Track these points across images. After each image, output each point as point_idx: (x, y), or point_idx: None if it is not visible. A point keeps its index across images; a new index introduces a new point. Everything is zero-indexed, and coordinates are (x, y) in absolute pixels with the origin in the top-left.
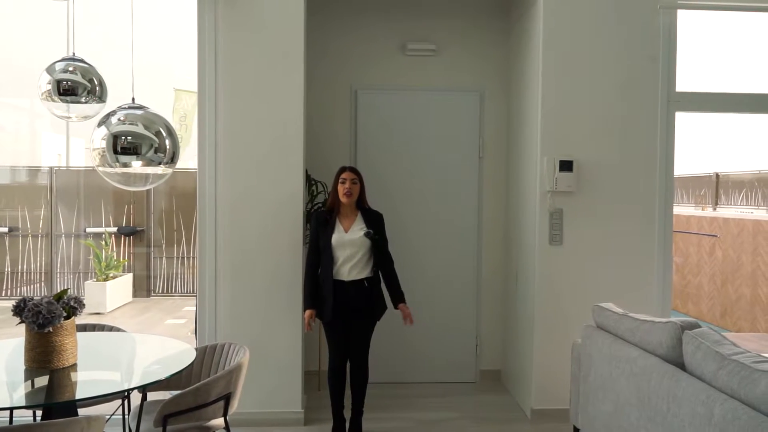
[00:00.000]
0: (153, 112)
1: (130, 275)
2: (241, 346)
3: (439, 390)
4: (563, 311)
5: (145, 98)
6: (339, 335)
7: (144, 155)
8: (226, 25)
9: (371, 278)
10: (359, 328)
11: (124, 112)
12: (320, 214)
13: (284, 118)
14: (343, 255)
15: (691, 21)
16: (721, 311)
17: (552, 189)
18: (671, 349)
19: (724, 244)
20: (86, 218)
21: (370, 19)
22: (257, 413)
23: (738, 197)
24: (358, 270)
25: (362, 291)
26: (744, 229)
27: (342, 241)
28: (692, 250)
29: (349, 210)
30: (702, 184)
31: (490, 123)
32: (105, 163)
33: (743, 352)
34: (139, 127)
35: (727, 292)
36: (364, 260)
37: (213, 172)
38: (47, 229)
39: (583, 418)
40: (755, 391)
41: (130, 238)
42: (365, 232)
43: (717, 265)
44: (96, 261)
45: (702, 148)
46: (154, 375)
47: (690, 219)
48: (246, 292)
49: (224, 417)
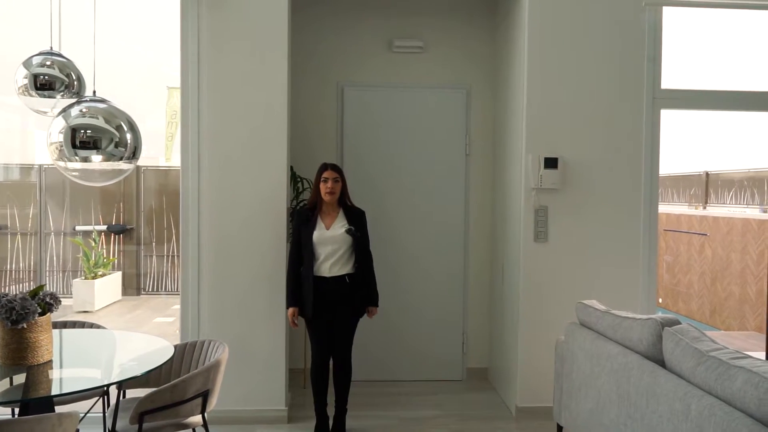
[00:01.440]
0: (116, 106)
1: (119, 273)
2: (220, 343)
3: (425, 388)
4: (548, 308)
5: (141, 97)
6: (321, 332)
7: (104, 150)
8: (209, 21)
9: (352, 274)
10: (341, 324)
11: (85, 105)
12: (302, 211)
13: (268, 115)
14: (324, 252)
15: (677, 18)
16: (711, 309)
17: (537, 186)
18: (651, 345)
19: (714, 242)
20: (76, 216)
21: (357, 15)
22: (240, 411)
23: (727, 196)
24: (339, 266)
25: (343, 287)
26: (733, 227)
27: (323, 237)
28: (682, 249)
29: (331, 207)
30: (692, 182)
31: (476, 120)
32: (63, 157)
33: (721, 348)
34: (100, 121)
35: (716, 291)
36: (345, 257)
37: (196, 169)
38: (36, 228)
39: (566, 416)
40: (732, 387)
41: (119, 236)
42: (346, 228)
43: (707, 263)
44: (84, 259)
45: (692, 147)
46: (130, 372)
47: (680, 217)
48: (229, 289)
49: (202, 414)
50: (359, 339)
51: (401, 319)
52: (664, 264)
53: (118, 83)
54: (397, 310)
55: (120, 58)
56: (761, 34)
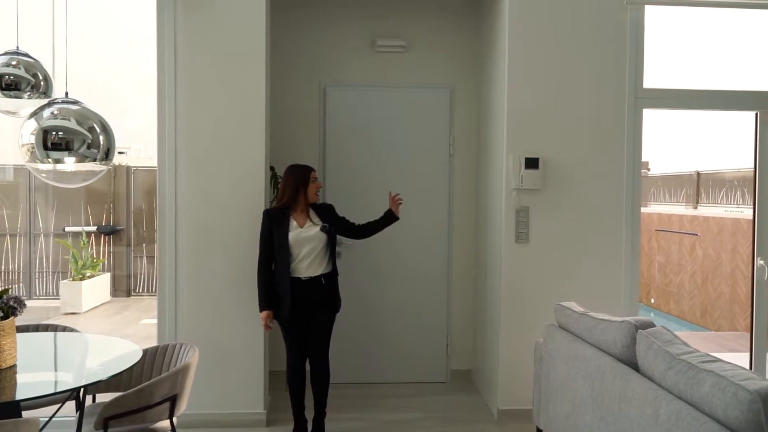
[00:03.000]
0: (89, 107)
1: (107, 275)
2: (191, 347)
3: (408, 390)
4: (530, 310)
5: (134, 96)
6: (296, 334)
7: (76, 151)
8: (186, 22)
9: (328, 274)
10: (318, 325)
11: (57, 107)
12: (273, 211)
13: (245, 116)
14: (300, 252)
15: (659, 17)
16: (702, 310)
17: (518, 186)
18: (626, 348)
19: (705, 242)
20: (65, 217)
21: (340, 15)
22: (218, 414)
23: (719, 195)
24: (315, 266)
25: (319, 287)
26: (723, 227)
27: (299, 237)
28: (674, 249)
29: (302, 207)
30: (684, 182)
31: (460, 120)
32: (35, 159)
33: (693, 351)
34: (72, 122)
35: (707, 291)
36: (320, 256)
37: (173, 169)
38: (26, 229)
39: (544, 419)
40: (700, 391)
41: (109, 237)
42: (321, 226)
43: (697, 263)
44: (72, 261)
45: (684, 147)
46: (96, 376)
47: (671, 217)
48: (207, 290)
49: (170, 419)
50: (342, 341)
51: (385, 321)
52: (656, 264)
53: (106, 82)
54: (381, 312)
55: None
56: (743, 33)
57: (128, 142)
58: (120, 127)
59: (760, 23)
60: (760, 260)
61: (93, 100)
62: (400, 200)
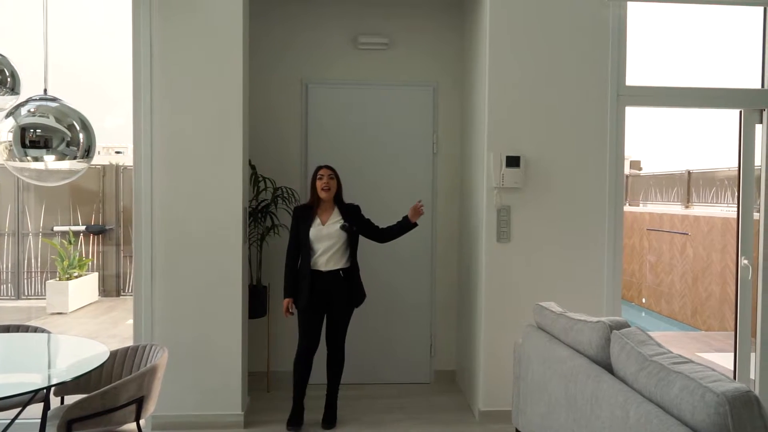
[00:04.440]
0: (68, 104)
1: (95, 274)
2: (161, 348)
3: (391, 391)
4: (511, 310)
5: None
6: (311, 323)
7: (55, 149)
8: (162, 19)
9: (347, 269)
10: (337, 314)
11: (35, 104)
12: (300, 209)
13: (222, 116)
14: (320, 247)
15: (642, 15)
16: (692, 310)
17: (499, 185)
18: (600, 349)
19: (695, 242)
20: (54, 216)
21: (322, 12)
22: (195, 416)
23: (709, 195)
24: (335, 261)
25: (338, 281)
26: (713, 227)
27: (319, 234)
28: (665, 248)
29: (327, 205)
30: (675, 181)
31: (444, 118)
32: (13, 157)
33: (665, 353)
34: (50, 120)
35: (697, 291)
36: (340, 252)
37: (149, 169)
38: (14, 228)
39: (522, 420)
40: (670, 394)
41: (98, 236)
42: (341, 225)
43: (688, 263)
44: (59, 260)
45: (676, 146)
46: (58, 377)
47: (663, 217)
48: (184, 291)
49: (137, 421)
50: (321, 343)
51: (368, 322)
52: (647, 264)
53: (104, 83)
54: (364, 313)
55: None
56: (727, 30)
57: (125, 142)
58: (120, 127)
59: (744, 20)
60: (744, 260)
61: (93, 100)
62: (422, 209)
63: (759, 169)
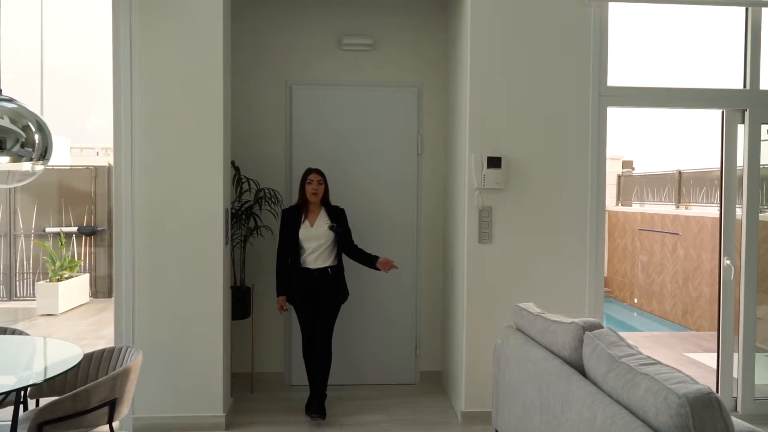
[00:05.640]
0: (24, 106)
1: (86, 276)
2: (136, 349)
3: (375, 392)
4: (493, 311)
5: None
6: (305, 316)
7: (9, 150)
8: (142, 19)
9: (334, 266)
10: (324, 310)
11: None
12: (288, 210)
13: (202, 117)
14: (309, 246)
15: (624, 15)
16: (683, 310)
17: (480, 186)
18: (574, 350)
19: (686, 242)
20: (46, 218)
21: (306, 14)
22: (176, 417)
23: (699, 194)
24: (323, 259)
25: (327, 277)
26: (703, 227)
27: (308, 234)
28: (656, 248)
29: (315, 207)
30: (666, 181)
31: (428, 119)
32: None
33: (635, 354)
34: (5, 121)
35: (688, 291)
36: (327, 251)
37: (129, 169)
38: (5, 230)
39: (501, 422)
40: (635, 395)
41: (90, 237)
42: (329, 225)
43: (679, 263)
44: (49, 261)
45: (669, 146)
46: (28, 380)
47: (654, 217)
48: (165, 292)
49: (109, 424)
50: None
51: (353, 323)
52: (639, 264)
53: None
54: (349, 313)
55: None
56: (709, 31)
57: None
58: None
59: (726, 21)
60: (726, 260)
61: (92, 100)
62: (394, 267)
63: (741, 169)
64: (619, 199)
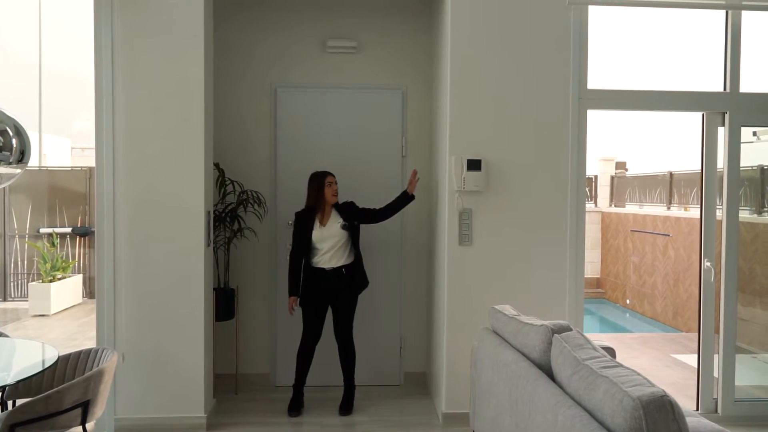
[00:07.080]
0: (2, 110)
1: (79, 276)
2: (111, 351)
3: (360, 393)
4: (473, 313)
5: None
6: (312, 318)
7: None
8: (124, 21)
9: (349, 265)
10: (341, 307)
11: None
12: (300, 213)
13: (184, 118)
14: (323, 246)
15: (604, 19)
16: (674, 311)
17: (460, 188)
18: (543, 353)
19: (676, 243)
20: (41, 218)
21: (291, 16)
22: (157, 418)
23: (690, 196)
24: (337, 259)
25: (341, 277)
26: (694, 228)
27: (321, 235)
28: (648, 250)
29: (327, 208)
30: (658, 183)
31: (413, 121)
32: None
33: (598, 356)
34: None
35: (678, 292)
36: (342, 249)
37: (111, 170)
38: (0, 230)
39: (477, 423)
40: (595, 397)
41: (84, 238)
42: (341, 224)
43: (670, 264)
44: (41, 262)
45: (661, 148)
46: (2, 381)
47: (646, 218)
48: (147, 294)
49: (82, 425)
50: (293, 343)
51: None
52: (631, 265)
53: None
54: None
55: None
56: (689, 34)
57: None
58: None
59: (706, 24)
60: (706, 262)
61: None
62: (417, 179)
63: (721, 171)
64: (612, 200)
